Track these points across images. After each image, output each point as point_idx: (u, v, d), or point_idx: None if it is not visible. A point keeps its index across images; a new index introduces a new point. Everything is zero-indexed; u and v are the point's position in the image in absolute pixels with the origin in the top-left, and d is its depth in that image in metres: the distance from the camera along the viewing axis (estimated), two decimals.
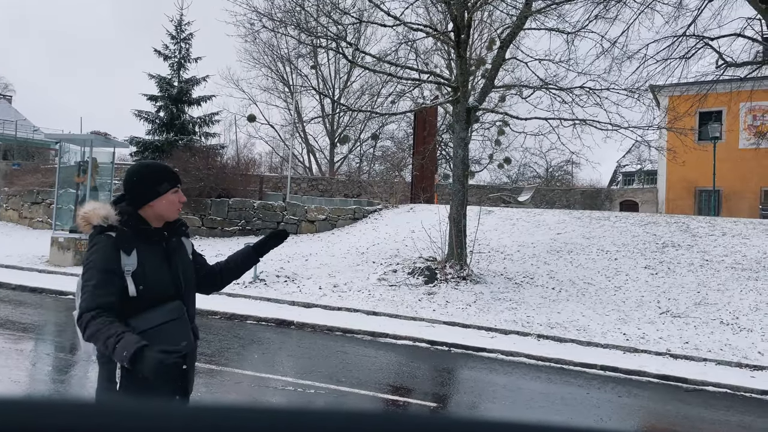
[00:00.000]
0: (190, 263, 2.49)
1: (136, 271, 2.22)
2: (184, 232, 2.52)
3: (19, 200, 20.68)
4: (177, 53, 24.63)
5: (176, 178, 2.40)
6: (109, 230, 2.24)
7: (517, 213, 17.11)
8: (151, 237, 2.32)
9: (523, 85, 13.39)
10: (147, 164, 2.47)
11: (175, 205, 2.36)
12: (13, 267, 13.15)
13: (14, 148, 47.27)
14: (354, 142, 37.37)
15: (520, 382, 7.18)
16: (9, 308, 9.31)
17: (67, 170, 15.12)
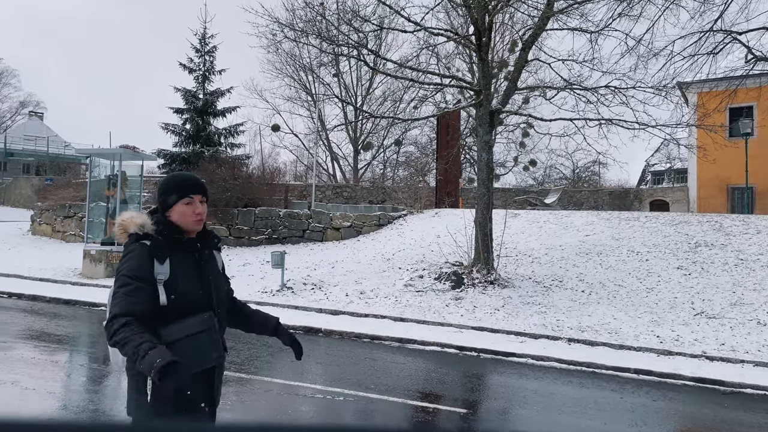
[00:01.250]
0: (221, 277, 2.49)
1: (169, 280, 2.23)
2: (216, 246, 2.52)
3: (52, 215, 21.17)
4: (201, 66, 25.02)
5: (187, 189, 2.36)
6: (144, 239, 2.27)
7: (544, 215, 16.93)
8: (185, 247, 2.33)
9: (546, 87, 13.26)
10: (168, 175, 2.50)
11: (188, 217, 2.34)
12: (47, 280, 13.45)
13: (47, 164, 48.48)
14: (377, 148, 37.46)
15: (551, 387, 7.07)
16: (44, 320, 9.51)
17: (98, 184, 15.44)
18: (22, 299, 11.34)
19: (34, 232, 21.95)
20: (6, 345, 7.50)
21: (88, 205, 15.46)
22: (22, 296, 11.47)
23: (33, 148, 51.38)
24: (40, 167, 50.57)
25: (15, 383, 5.84)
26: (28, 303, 11.05)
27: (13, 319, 9.52)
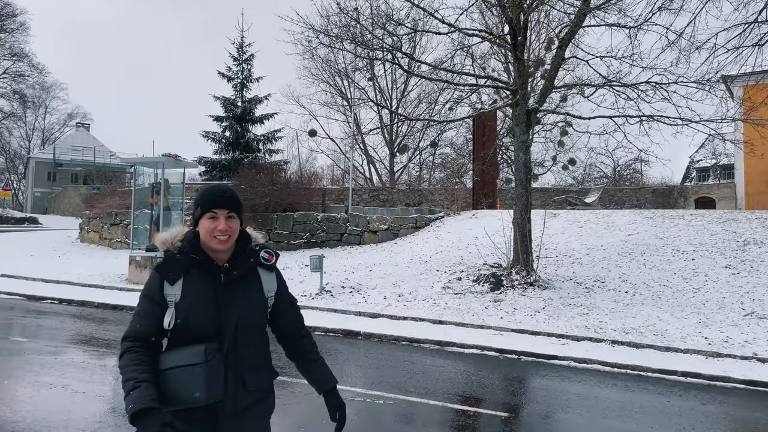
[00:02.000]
0: (258, 302, 2.20)
1: (180, 302, 2.07)
2: (264, 264, 2.24)
3: (99, 222, 21.85)
4: (239, 74, 25.48)
5: (210, 202, 2.13)
6: (173, 255, 2.17)
7: (584, 215, 16.62)
8: (205, 267, 2.14)
9: (584, 84, 13.03)
10: (203, 188, 2.27)
11: (209, 233, 2.11)
12: (95, 286, 13.88)
13: (93, 173, 50.07)
14: (413, 150, 37.45)
15: (595, 391, 6.93)
16: (93, 325, 9.82)
17: (142, 192, 15.86)
18: (72, 305, 11.73)
19: (83, 239, 22.71)
20: (57, 350, 7.77)
21: (133, 213, 15.89)
22: (72, 302, 11.87)
23: (80, 158, 53.16)
24: (87, 177, 52.31)
25: (65, 387, 6.04)
26: (78, 308, 11.43)
27: (63, 324, 9.86)
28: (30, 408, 5.34)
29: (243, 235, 2.24)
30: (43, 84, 57.91)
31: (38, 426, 4.87)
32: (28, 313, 10.79)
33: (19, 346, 7.86)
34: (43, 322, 10.03)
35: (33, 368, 6.77)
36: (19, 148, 64.55)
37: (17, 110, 57.21)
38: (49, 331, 9.30)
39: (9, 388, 6.09)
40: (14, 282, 14.14)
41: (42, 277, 14.66)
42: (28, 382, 6.22)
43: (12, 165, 64.37)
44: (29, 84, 55.10)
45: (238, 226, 2.18)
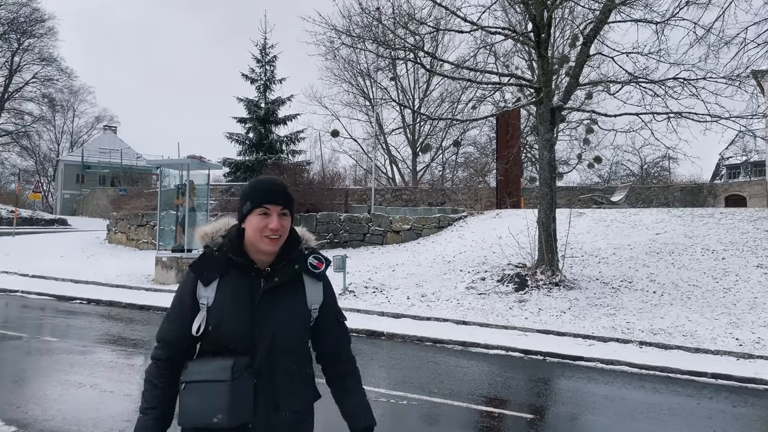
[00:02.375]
0: (300, 314, 1.94)
1: (213, 306, 1.86)
2: (311, 271, 1.98)
3: (126, 223, 22.20)
4: (262, 76, 25.67)
5: (263, 196, 1.89)
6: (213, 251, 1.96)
7: (610, 214, 16.39)
8: (246, 270, 1.91)
9: (610, 81, 12.83)
10: (253, 179, 2.05)
11: (258, 232, 1.87)
12: (122, 286, 14.10)
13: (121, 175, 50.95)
14: (436, 150, 37.35)
15: (622, 392, 6.82)
16: (121, 325, 9.97)
17: (168, 193, 16.06)
18: (100, 305, 11.93)
19: (110, 240, 23.09)
20: (86, 349, 7.90)
21: (159, 214, 16.11)
22: (100, 302, 12.07)
23: (108, 161, 54.13)
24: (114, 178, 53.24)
25: (94, 386, 6.14)
26: (106, 308, 11.62)
27: (92, 324, 10.03)
28: (60, 407, 5.44)
29: (292, 235, 1.98)
30: (72, 88, 59.17)
31: (68, 425, 4.95)
32: (57, 313, 11.00)
33: (49, 346, 8.01)
34: (73, 322, 10.21)
35: (63, 367, 6.90)
36: (48, 151, 66.03)
37: (47, 114, 58.52)
38: (78, 330, 9.46)
39: (40, 387, 6.21)
40: (44, 282, 14.44)
41: (71, 278, 14.94)
42: (58, 381, 6.33)
43: (42, 167, 65.83)
44: (58, 88, 56.33)
45: (289, 224, 1.94)
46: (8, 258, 18.25)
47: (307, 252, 2.00)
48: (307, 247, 2.02)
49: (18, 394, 5.87)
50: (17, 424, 4.91)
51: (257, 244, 1.88)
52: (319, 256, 2.01)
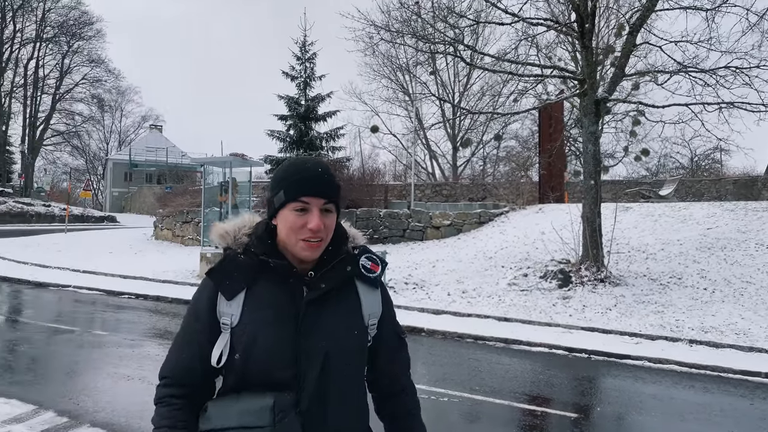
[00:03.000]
0: (356, 331, 1.50)
1: (238, 326, 1.42)
2: (365, 276, 1.54)
3: (172, 220, 22.75)
4: (302, 73, 25.87)
5: (300, 186, 1.43)
6: (237, 254, 1.50)
7: (659, 208, 15.91)
8: (278, 275, 1.46)
9: (658, 71, 12.43)
10: (286, 161, 1.56)
11: (293, 233, 1.42)
12: (169, 282, 14.44)
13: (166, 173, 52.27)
14: (476, 144, 37.00)
15: (671, 392, 6.60)
16: (167, 319, 10.22)
17: (211, 191, 16.37)
18: (148, 300, 12.25)
19: (157, 236, 23.71)
20: (134, 343, 8.12)
21: (203, 211, 16.43)
22: (148, 297, 12.40)
23: (154, 159, 55.54)
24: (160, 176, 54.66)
25: (142, 379, 6.30)
26: (153, 303, 11.92)
27: (140, 318, 10.30)
28: (109, 399, 5.60)
29: (338, 232, 1.53)
30: (119, 88, 60.98)
31: (117, 416, 5.09)
32: (107, 307, 11.34)
33: (100, 339, 8.27)
34: (122, 316, 10.52)
35: (112, 360, 7.10)
36: (98, 150, 68.29)
37: (96, 114, 60.42)
38: (127, 325, 9.74)
39: (91, 380, 6.41)
40: (95, 278, 14.92)
41: (120, 273, 15.40)
42: (108, 373, 6.53)
43: (92, 166, 68.13)
44: (106, 89, 58.07)
45: (334, 222, 1.48)
46: (61, 254, 18.94)
47: (357, 252, 1.57)
48: (356, 245, 1.59)
49: (70, 386, 6.07)
50: (69, 415, 5.08)
51: (293, 249, 1.44)
52: (373, 257, 1.58)
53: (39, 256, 18.44)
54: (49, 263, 16.98)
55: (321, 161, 1.51)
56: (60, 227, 30.55)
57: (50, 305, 11.59)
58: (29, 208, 37.64)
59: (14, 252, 19.22)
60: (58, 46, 51.30)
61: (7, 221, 34.38)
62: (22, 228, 31.87)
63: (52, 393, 5.71)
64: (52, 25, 49.83)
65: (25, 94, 50.88)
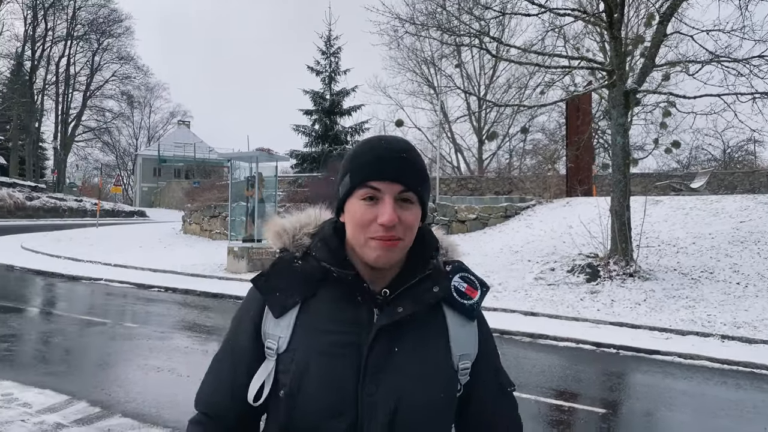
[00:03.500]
0: (440, 369, 1.13)
1: (287, 353, 1.10)
2: (458, 302, 1.18)
3: (200, 215, 23.06)
4: (327, 67, 25.95)
5: (370, 168, 1.10)
6: (296, 259, 1.18)
7: (690, 201, 15.59)
8: (350, 291, 1.12)
9: (689, 61, 12.15)
10: (362, 141, 1.18)
11: (361, 228, 1.09)
12: (197, 275, 14.66)
13: (194, 168, 52.95)
14: (502, 137, 36.68)
15: (702, 388, 6.49)
16: (195, 312, 10.37)
17: (238, 185, 16.54)
18: (177, 293, 12.45)
19: (185, 231, 24.06)
20: (164, 335, 8.27)
21: (230, 206, 16.62)
22: (177, 290, 12.60)
23: (182, 154, 56.36)
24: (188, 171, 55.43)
25: (172, 370, 6.41)
26: (182, 296, 12.11)
27: (169, 311, 10.48)
28: (140, 389, 5.71)
29: (425, 239, 1.18)
30: (148, 85, 61.98)
31: (147, 407, 5.19)
32: (137, 300, 11.56)
33: (131, 332, 8.43)
34: (151, 308, 10.71)
35: (143, 352, 7.24)
36: (127, 146, 69.57)
37: (125, 110, 61.53)
38: (156, 317, 9.92)
39: (122, 371, 6.55)
40: (125, 271, 15.21)
41: (150, 267, 15.67)
42: (138, 365, 6.65)
43: (122, 162, 69.44)
44: (135, 85, 59.12)
45: (418, 218, 1.12)
46: (92, 248, 19.36)
47: (449, 268, 1.20)
48: (449, 260, 1.22)
49: (102, 377, 6.21)
50: (101, 405, 5.19)
51: (360, 252, 1.11)
52: (470, 278, 1.21)
53: (72, 249, 18.87)
54: (81, 257, 17.37)
55: (402, 139, 1.17)
56: (91, 222, 31.21)
57: (83, 298, 11.86)
58: (62, 203, 38.52)
59: (48, 246, 19.70)
60: (88, 43, 52.31)
61: (41, 216, 35.25)
62: (55, 222, 32.67)
63: (84, 383, 5.85)
64: (82, 23, 50.82)
65: (57, 92, 52.03)
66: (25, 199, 35.15)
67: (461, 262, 1.24)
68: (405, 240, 1.10)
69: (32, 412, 4.89)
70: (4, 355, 6.82)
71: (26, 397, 5.26)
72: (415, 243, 1.15)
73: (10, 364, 6.47)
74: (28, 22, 47.81)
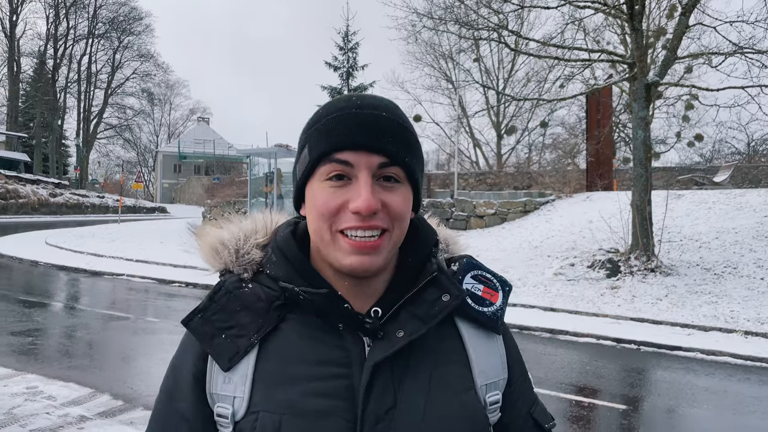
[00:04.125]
0: (463, 407, 0.83)
1: (245, 419, 0.79)
2: (475, 311, 0.89)
3: (220, 210, 23.25)
4: (345, 63, 25.94)
5: (337, 133, 0.79)
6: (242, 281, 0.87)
7: (713, 195, 15.35)
8: (317, 315, 0.83)
9: (712, 53, 11.94)
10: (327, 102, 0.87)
11: (325, 219, 0.80)
12: None
13: (214, 164, 53.38)
14: (521, 131, 36.42)
15: (725, 384, 6.39)
16: None
17: (257, 181, 16.68)
18: (197, 288, 12.58)
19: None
20: (184, 330, 8.36)
21: (249, 201, 16.76)
22: (197, 285, 12.72)
23: (202, 151, 56.85)
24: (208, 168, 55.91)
25: None
26: (202, 291, 12.23)
27: (190, 306, 10.58)
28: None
29: (418, 229, 0.90)
30: (168, 82, 62.69)
31: None
32: (159, 295, 11.70)
33: (153, 326, 8.55)
34: (173, 304, 10.84)
35: (164, 346, 7.33)
36: (148, 143, 70.43)
37: (146, 107, 62.25)
38: (177, 312, 10.03)
39: (144, 365, 6.64)
40: (147, 267, 15.41)
41: (171, 263, 15.85)
42: (160, 359, 6.74)
43: (143, 158, 70.28)
44: (155, 82, 59.77)
45: (407, 202, 0.83)
46: (114, 244, 19.62)
47: (456, 267, 0.93)
48: (453, 256, 0.96)
49: (125, 371, 6.31)
50: (124, 398, 5.28)
51: (327, 255, 0.82)
52: (486, 276, 0.92)
53: (94, 245, 19.16)
54: (103, 252, 17.63)
55: (382, 97, 0.86)
56: (113, 218, 31.66)
57: (105, 293, 12.05)
58: (84, 199, 39.11)
59: (71, 242, 20.02)
60: (109, 41, 52.95)
61: (64, 212, 35.83)
62: (78, 219, 33.19)
63: (107, 377, 5.94)
64: (103, 21, 51.45)
65: (78, 89, 52.75)
66: (48, 195, 35.76)
67: (470, 257, 0.94)
68: (392, 234, 0.81)
69: (57, 405, 4.99)
70: (29, 349, 6.96)
71: (51, 390, 5.36)
72: (408, 238, 0.86)
73: (35, 358, 6.60)
74: (50, 20, 48.57)
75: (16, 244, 18.99)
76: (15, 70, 46.98)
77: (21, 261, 16.05)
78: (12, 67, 46.67)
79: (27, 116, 49.88)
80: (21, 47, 48.02)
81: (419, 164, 0.85)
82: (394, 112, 0.82)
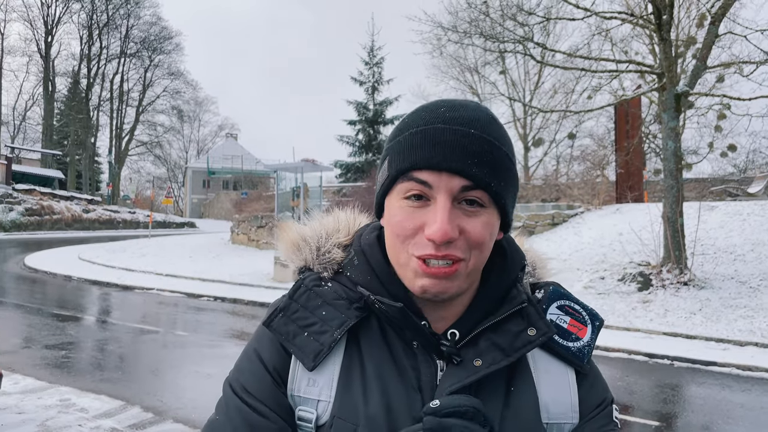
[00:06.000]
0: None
1: (335, 422, 0.78)
2: (560, 346, 0.86)
3: (248, 225, 23.50)
4: (370, 78, 26.17)
5: (415, 151, 0.75)
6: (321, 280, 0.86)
7: (747, 207, 14.98)
8: (397, 328, 0.81)
9: (743, 62, 11.73)
10: (418, 107, 0.83)
11: (401, 240, 0.77)
12: (245, 284, 14.92)
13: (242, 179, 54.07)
14: (549, 143, 36.11)
15: (761, 401, 6.19)
16: (243, 321, 10.55)
17: (284, 196, 16.83)
18: (226, 302, 12.70)
19: (233, 241, 24.55)
20: (213, 343, 8.44)
21: (276, 216, 16.90)
22: (225, 299, 12.85)
23: (230, 166, 57.66)
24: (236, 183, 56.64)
25: (222, 378, 6.52)
26: (230, 305, 12.34)
27: (218, 319, 10.70)
28: (191, 396, 5.84)
29: (506, 252, 0.89)
30: (197, 99, 63.88)
31: (198, 413, 5.30)
32: (188, 309, 11.84)
33: (182, 340, 8.64)
34: (201, 317, 10.95)
35: (194, 360, 7.41)
36: (178, 159, 71.66)
37: (176, 124, 63.48)
38: (206, 326, 10.14)
39: (173, 378, 6.71)
40: (176, 281, 15.62)
41: (199, 277, 16.05)
42: (189, 372, 6.81)
43: (173, 174, 71.50)
44: (185, 100, 60.99)
45: (491, 229, 0.79)
46: (144, 258, 19.96)
47: (541, 294, 0.90)
48: (539, 282, 0.94)
49: (155, 384, 6.38)
50: (154, 411, 5.33)
51: (401, 273, 0.80)
52: (572, 307, 0.90)
53: (125, 260, 19.51)
54: (134, 267, 17.93)
55: (476, 104, 0.80)
56: (144, 233, 32.25)
57: (136, 307, 12.23)
58: (116, 215, 39.91)
59: (103, 257, 20.42)
60: (140, 60, 54.27)
61: (97, 228, 36.60)
62: (109, 234, 33.88)
63: (138, 390, 6.02)
64: (135, 40, 52.83)
65: (111, 108, 54.09)
66: (81, 211, 36.59)
67: (557, 285, 0.91)
68: (470, 263, 0.76)
69: (89, 417, 5.07)
70: (63, 362, 7.10)
71: (83, 402, 5.45)
72: (494, 259, 0.82)
73: (68, 371, 6.72)
74: (83, 41, 50.03)
75: (50, 259, 19.45)
76: (50, 90, 48.46)
77: (55, 276, 16.42)
78: (47, 86, 48.15)
79: (61, 134, 51.28)
80: (56, 67, 49.57)
81: (509, 186, 0.80)
82: (486, 127, 0.76)
